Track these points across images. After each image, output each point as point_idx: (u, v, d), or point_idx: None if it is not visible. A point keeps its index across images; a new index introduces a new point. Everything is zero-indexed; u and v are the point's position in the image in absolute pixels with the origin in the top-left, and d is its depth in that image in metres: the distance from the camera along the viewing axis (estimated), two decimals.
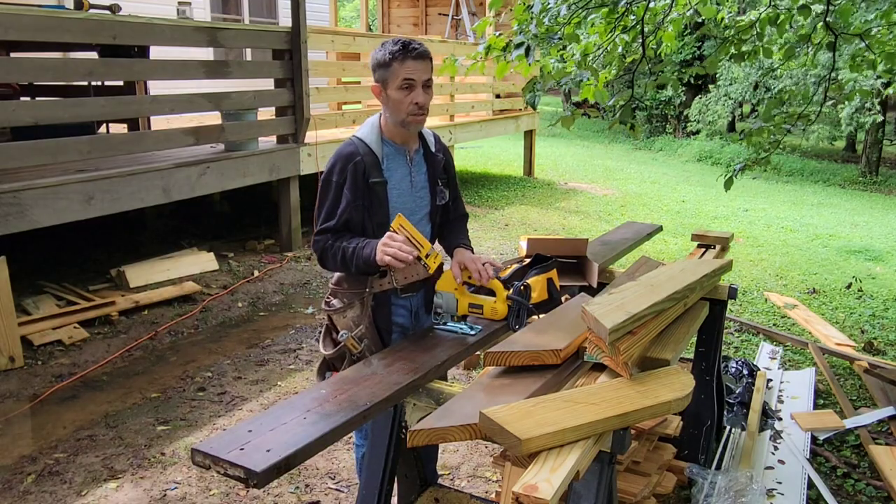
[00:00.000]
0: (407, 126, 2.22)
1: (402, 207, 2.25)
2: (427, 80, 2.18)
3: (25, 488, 2.94)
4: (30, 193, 4.02)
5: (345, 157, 2.21)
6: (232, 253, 6.02)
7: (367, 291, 2.26)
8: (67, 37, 4.37)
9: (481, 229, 7.69)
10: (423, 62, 2.15)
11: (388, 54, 2.14)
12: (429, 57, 2.18)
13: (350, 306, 2.28)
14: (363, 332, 2.25)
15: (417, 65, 2.14)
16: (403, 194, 2.28)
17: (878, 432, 3.52)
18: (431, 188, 2.36)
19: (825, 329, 4.99)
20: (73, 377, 3.92)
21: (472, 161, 12.90)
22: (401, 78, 2.13)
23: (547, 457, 1.52)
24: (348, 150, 2.22)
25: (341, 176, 2.20)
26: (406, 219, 2.15)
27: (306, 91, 5.92)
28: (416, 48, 2.14)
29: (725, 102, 16.05)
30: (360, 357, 2.22)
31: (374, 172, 2.21)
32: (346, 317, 2.28)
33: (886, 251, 7.92)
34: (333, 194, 2.21)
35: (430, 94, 2.21)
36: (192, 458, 1.57)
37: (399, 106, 2.17)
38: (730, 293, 2.89)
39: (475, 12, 11.88)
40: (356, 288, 2.28)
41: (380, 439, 2.12)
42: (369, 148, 2.22)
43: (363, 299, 2.26)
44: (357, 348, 2.22)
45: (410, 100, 2.15)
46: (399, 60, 2.13)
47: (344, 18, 26.87)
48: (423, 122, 2.24)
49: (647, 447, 2.59)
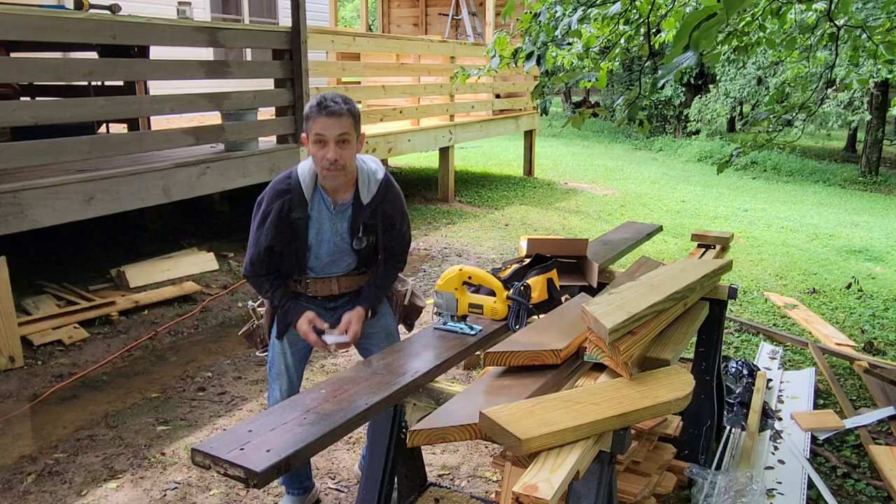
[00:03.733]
0: (323, 179, 2.32)
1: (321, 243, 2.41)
2: (341, 135, 2.22)
3: (25, 488, 2.94)
4: (30, 193, 4.02)
5: (276, 193, 2.37)
6: (232, 253, 6.02)
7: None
8: (67, 37, 4.37)
9: (481, 229, 7.69)
10: (336, 119, 2.21)
11: (308, 109, 2.25)
12: (346, 113, 2.22)
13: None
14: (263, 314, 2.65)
15: (330, 121, 2.20)
16: (323, 233, 2.41)
17: (878, 432, 3.52)
18: (352, 235, 2.43)
19: (825, 329, 4.99)
20: (73, 377, 3.92)
21: (472, 161, 12.90)
22: (313, 132, 2.23)
23: (547, 457, 1.52)
24: (280, 187, 2.38)
25: (268, 208, 2.38)
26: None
27: (306, 91, 5.92)
28: (330, 106, 2.20)
29: (725, 101, 16.04)
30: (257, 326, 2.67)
31: (298, 209, 2.36)
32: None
33: (886, 251, 7.92)
34: (257, 224, 2.42)
35: (349, 149, 2.26)
36: (192, 458, 1.57)
37: (315, 160, 2.28)
38: (730, 293, 2.89)
39: (475, 12, 11.88)
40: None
41: (380, 439, 2.13)
42: (301, 187, 2.36)
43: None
44: (257, 319, 2.65)
45: (322, 155, 2.24)
46: (314, 117, 2.22)
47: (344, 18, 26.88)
48: (340, 176, 2.29)
49: (647, 447, 2.59)
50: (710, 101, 16.45)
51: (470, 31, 11.77)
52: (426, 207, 8.62)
